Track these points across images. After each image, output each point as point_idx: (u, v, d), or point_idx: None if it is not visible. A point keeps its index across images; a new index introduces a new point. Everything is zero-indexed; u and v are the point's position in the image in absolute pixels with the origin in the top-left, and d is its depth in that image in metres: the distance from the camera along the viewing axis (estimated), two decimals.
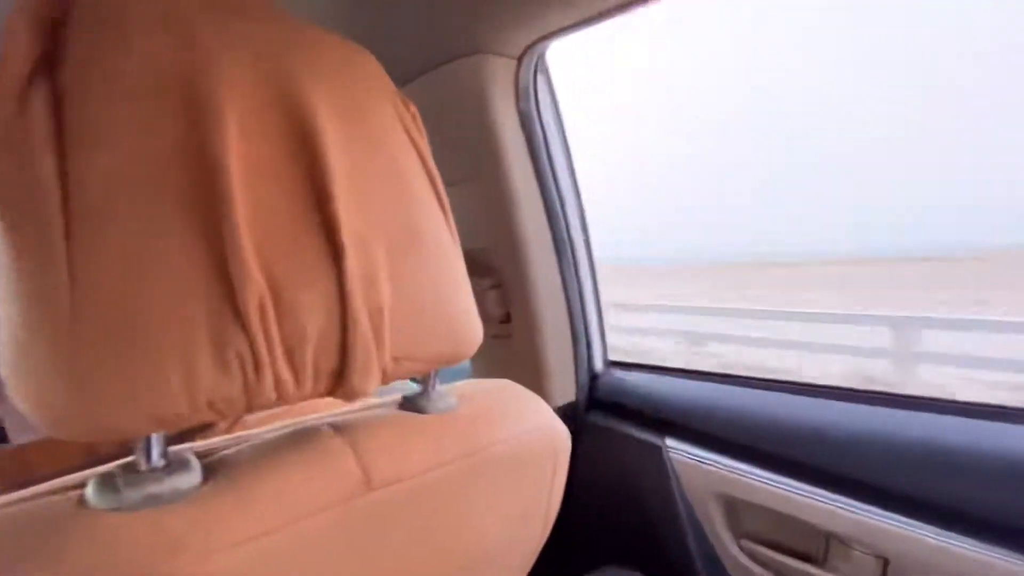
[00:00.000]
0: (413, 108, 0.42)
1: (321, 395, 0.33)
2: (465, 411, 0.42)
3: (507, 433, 0.43)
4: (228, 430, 0.48)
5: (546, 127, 0.78)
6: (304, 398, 0.31)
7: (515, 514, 0.45)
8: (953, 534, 0.51)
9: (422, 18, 0.69)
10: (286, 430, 0.36)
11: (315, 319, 0.30)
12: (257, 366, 0.27)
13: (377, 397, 0.46)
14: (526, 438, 0.44)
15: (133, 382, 0.24)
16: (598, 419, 0.87)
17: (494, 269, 0.84)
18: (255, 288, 0.27)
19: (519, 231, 0.79)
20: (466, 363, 0.99)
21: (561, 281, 0.85)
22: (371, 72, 0.37)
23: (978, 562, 0.49)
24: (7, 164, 0.25)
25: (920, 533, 0.53)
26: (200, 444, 0.34)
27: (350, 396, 0.33)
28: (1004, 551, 0.48)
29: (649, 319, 5.92)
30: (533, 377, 0.85)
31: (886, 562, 0.55)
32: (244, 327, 0.27)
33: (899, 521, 0.54)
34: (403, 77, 0.78)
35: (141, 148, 0.25)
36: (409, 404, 0.41)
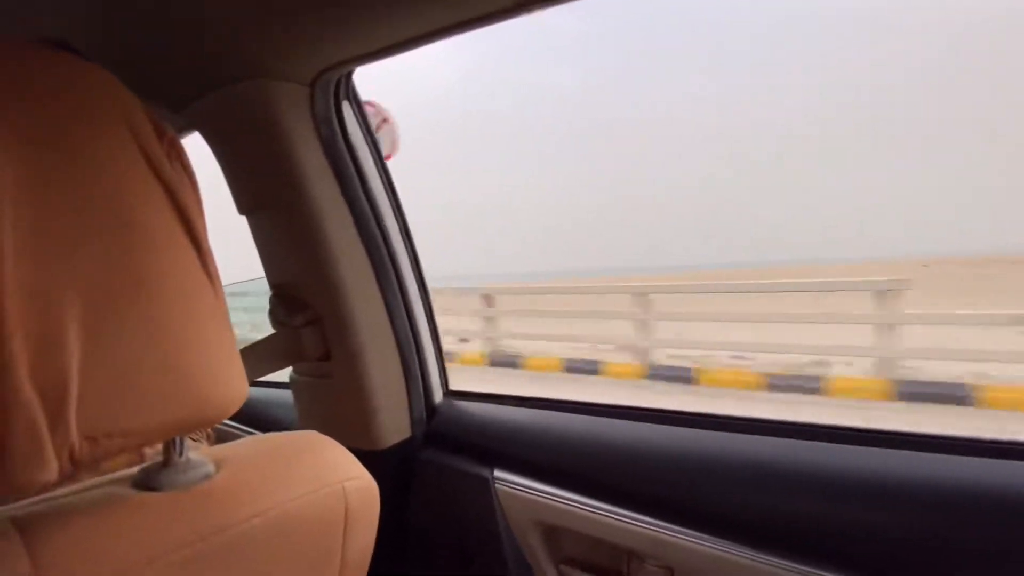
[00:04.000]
0: (172, 136, 0.36)
1: None
2: (221, 481, 0.37)
3: (270, 503, 0.38)
4: None
5: (356, 153, 0.75)
6: None
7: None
8: (726, 542, 0.55)
9: (202, 38, 0.62)
10: None
11: None
12: None
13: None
14: (300, 502, 0.39)
15: None
16: (433, 455, 0.83)
17: (308, 304, 0.78)
18: None
19: (332, 261, 0.74)
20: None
21: (386, 312, 0.81)
22: (97, 93, 0.31)
23: (747, 567, 0.53)
24: None
25: (698, 543, 0.56)
26: None
27: (15, 490, 0.27)
28: (769, 556, 0.52)
29: None
30: (359, 418, 0.79)
31: (671, 572, 0.57)
32: None
33: (680, 532, 0.57)
34: (183, 97, 0.70)
35: None
36: (146, 480, 0.35)
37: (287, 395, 1.16)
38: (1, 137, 0.26)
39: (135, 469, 0.37)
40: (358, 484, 0.44)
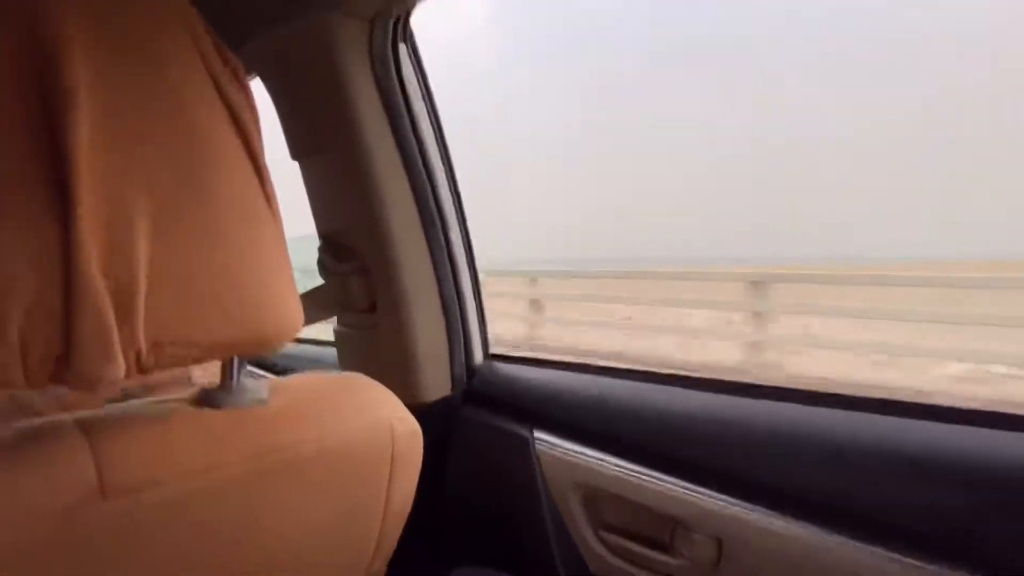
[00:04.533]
0: (235, 61, 0.35)
1: (44, 382, 0.27)
2: (274, 406, 0.38)
3: (322, 431, 0.38)
4: None
5: (409, 98, 0.73)
6: (16, 383, 0.26)
7: (331, 517, 0.41)
8: (776, 514, 0.52)
9: None
10: (24, 427, 0.30)
11: (23, 285, 0.24)
12: None
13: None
14: (348, 436, 0.40)
15: None
16: (473, 414, 0.83)
17: (356, 252, 0.77)
18: None
19: (381, 210, 0.73)
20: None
21: (432, 265, 0.80)
22: (169, 11, 0.32)
23: (797, 540, 0.50)
24: None
25: (750, 514, 0.53)
26: None
27: (79, 384, 0.27)
28: (821, 530, 0.50)
29: None
30: (402, 371, 0.79)
31: (720, 543, 0.55)
32: None
33: (731, 503, 0.54)
34: (242, 35, 0.70)
35: None
36: (204, 398, 0.36)
37: (319, 352, 1.18)
38: (79, 41, 0.26)
39: (193, 390, 0.38)
40: (405, 427, 0.43)
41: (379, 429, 0.41)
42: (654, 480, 0.61)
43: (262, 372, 1.19)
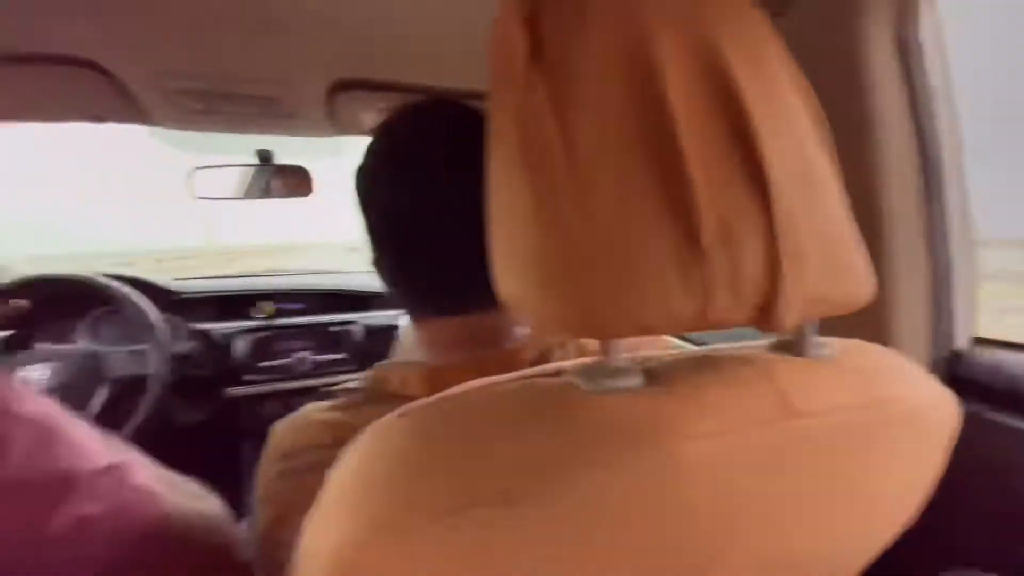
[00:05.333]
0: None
1: (748, 324, 0.35)
2: (848, 362, 0.40)
3: (901, 392, 0.40)
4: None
5: (927, 57, 0.68)
6: (738, 324, 0.34)
7: (902, 482, 0.42)
8: None
9: None
10: (714, 355, 0.39)
11: (751, 253, 0.32)
12: (707, 292, 0.31)
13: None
14: (921, 401, 0.40)
15: (620, 294, 0.30)
16: (967, 405, 0.74)
17: None
18: (709, 223, 0.31)
19: (881, 181, 0.71)
20: None
21: (925, 244, 0.74)
22: (766, 29, 0.39)
23: None
24: (525, 127, 0.33)
25: None
26: (636, 356, 0.40)
27: (773, 328, 0.34)
28: None
29: None
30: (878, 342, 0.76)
31: None
32: (702, 257, 0.31)
33: None
34: (777, 7, 0.75)
35: (611, 112, 0.31)
36: (781, 348, 0.41)
37: None
38: (737, 67, 0.33)
39: (763, 342, 0.43)
40: (952, 402, 0.41)
41: (938, 401, 0.41)
42: None
43: None
